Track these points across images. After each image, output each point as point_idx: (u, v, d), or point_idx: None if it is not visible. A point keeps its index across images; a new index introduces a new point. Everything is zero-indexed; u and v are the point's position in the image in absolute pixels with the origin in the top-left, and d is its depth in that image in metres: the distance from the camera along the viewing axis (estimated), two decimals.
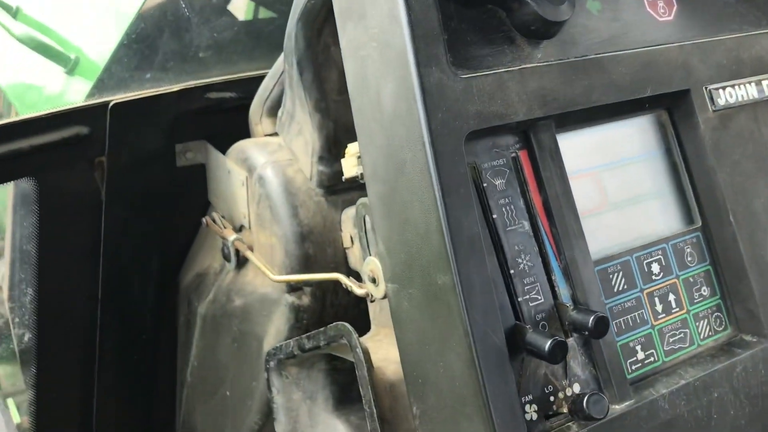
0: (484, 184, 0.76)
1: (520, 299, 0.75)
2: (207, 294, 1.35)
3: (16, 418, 1.87)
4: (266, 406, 1.22)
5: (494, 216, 0.76)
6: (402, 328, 0.78)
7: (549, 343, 0.69)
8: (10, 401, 1.91)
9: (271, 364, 1.07)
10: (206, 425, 1.42)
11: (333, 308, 1.17)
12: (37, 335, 1.41)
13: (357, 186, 1.14)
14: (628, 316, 0.82)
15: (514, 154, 0.78)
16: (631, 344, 0.81)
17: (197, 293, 1.39)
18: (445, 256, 0.70)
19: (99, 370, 1.43)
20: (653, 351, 0.82)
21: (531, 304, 0.76)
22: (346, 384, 1.07)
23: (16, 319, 1.59)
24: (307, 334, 0.99)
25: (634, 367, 0.81)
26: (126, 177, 1.33)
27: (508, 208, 0.77)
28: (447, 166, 0.70)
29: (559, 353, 0.69)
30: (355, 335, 0.89)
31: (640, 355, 0.81)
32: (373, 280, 0.92)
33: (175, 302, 1.46)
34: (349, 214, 1.07)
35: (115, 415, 1.48)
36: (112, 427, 1.47)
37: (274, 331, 1.19)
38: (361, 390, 0.89)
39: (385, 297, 0.88)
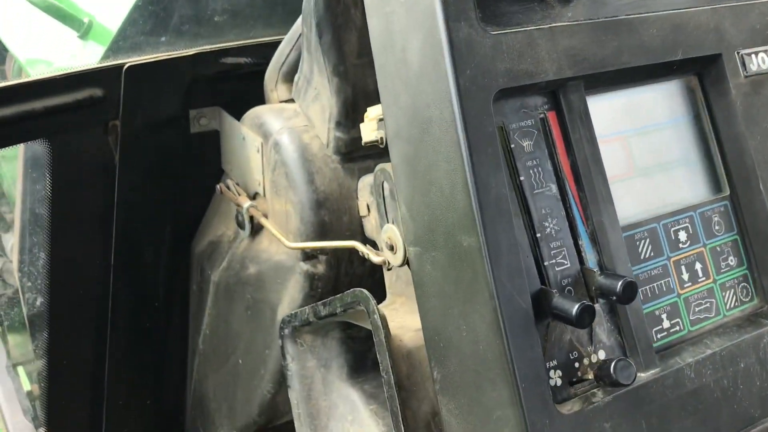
0: (512, 145, 0.74)
1: (546, 263, 0.73)
2: (220, 262, 1.34)
3: (26, 385, 1.88)
4: (279, 374, 1.21)
5: (521, 178, 0.74)
6: (424, 292, 0.77)
7: (577, 307, 0.67)
8: (20, 369, 1.92)
9: (286, 331, 1.06)
10: (218, 393, 1.41)
11: (348, 277, 1.16)
12: (49, 301, 1.41)
13: (374, 153, 1.13)
14: (654, 284, 0.80)
15: (542, 115, 0.76)
16: (657, 312, 0.80)
17: (210, 261, 1.38)
18: (471, 217, 0.68)
19: (111, 337, 1.43)
20: (679, 320, 0.81)
21: (557, 269, 0.74)
22: (360, 352, 1.06)
23: (28, 284, 1.58)
24: (323, 300, 0.97)
25: (659, 336, 0.79)
26: (140, 141, 1.32)
27: (535, 170, 0.75)
28: (475, 125, 0.68)
29: (587, 318, 0.68)
30: (372, 301, 0.87)
31: (666, 324, 0.80)
32: (391, 248, 0.91)
33: (188, 269, 1.45)
34: (365, 182, 1.06)
35: (127, 383, 1.48)
36: (123, 395, 1.47)
37: (288, 299, 1.17)
38: (378, 356, 0.87)
39: (402, 264, 0.86)
